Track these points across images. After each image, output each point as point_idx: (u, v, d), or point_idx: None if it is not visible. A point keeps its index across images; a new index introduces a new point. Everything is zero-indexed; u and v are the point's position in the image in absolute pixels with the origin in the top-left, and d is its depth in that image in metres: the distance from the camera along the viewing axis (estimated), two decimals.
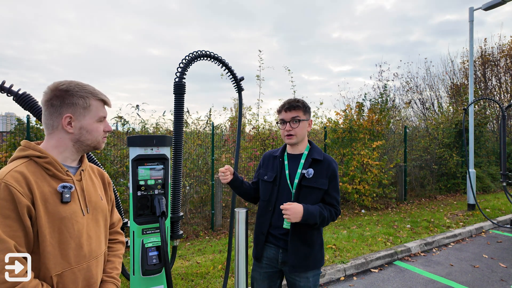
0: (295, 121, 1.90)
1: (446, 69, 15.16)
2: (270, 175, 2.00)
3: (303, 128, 1.93)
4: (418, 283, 3.86)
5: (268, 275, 2.00)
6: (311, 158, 1.92)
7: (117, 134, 5.92)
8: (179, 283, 3.62)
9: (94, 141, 1.28)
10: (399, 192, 8.41)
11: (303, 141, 1.99)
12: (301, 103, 1.94)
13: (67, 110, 1.21)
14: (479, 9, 7.40)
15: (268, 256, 1.98)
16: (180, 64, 2.20)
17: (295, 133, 1.91)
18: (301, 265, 1.88)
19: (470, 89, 7.72)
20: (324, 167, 1.91)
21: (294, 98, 1.97)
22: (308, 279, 1.91)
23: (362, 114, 7.91)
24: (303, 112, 1.93)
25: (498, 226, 6.23)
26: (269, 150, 2.26)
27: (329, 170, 1.90)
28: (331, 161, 1.94)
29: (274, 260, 1.96)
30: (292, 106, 1.92)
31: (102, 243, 1.33)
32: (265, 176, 2.03)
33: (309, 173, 1.88)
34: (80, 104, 1.22)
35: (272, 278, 2.01)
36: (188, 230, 5.79)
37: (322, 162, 1.92)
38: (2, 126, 6.13)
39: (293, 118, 1.90)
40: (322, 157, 1.93)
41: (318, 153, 1.95)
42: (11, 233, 1.04)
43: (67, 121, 1.21)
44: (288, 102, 1.95)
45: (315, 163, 1.92)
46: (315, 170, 1.89)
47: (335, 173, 1.92)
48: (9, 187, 1.04)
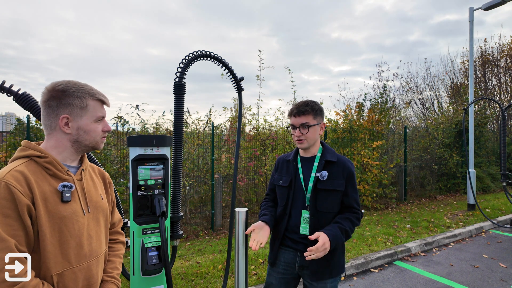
0: (304, 126, 1.85)
1: (446, 69, 15.18)
2: (285, 179, 1.96)
3: (314, 133, 1.87)
4: (418, 283, 3.86)
5: (285, 280, 1.93)
6: (324, 160, 1.87)
7: (117, 134, 5.92)
8: (179, 283, 3.62)
9: (92, 141, 1.27)
10: (399, 192, 8.41)
11: (315, 144, 1.93)
12: (310, 107, 1.86)
13: (64, 110, 1.20)
14: (479, 9, 7.40)
15: (285, 261, 1.92)
16: (180, 64, 2.20)
17: (305, 138, 1.86)
18: (322, 271, 1.82)
19: (470, 89, 7.72)
20: (339, 168, 1.85)
21: (303, 102, 1.90)
22: (325, 285, 1.85)
23: (362, 114, 7.91)
24: (313, 117, 1.86)
25: (498, 226, 6.23)
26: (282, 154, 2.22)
27: (345, 170, 1.85)
28: (345, 161, 1.89)
29: (291, 264, 1.90)
30: (301, 111, 1.85)
31: (102, 242, 1.33)
32: (280, 181, 1.99)
33: (323, 176, 1.83)
34: (77, 104, 1.21)
35: (289, 284, 1.95)
36: (188, 230, 5.79)
37: (336, 163, 1.87)
38: (2, 126, 6.13)
39: (302, 124, 1.85)
40: (336, 158, 1.88)
41: (331, 155, 1.90)
42: (12, 232, 1.04)
43: (64, 122, 1.20)
44: (297, 107, 1.88)
45: (329, 165, 1.87)
46: (330, 172, 1.84)
47: (352, 173, 1.86)
48: (9, 186, 1.05)
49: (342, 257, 1.91)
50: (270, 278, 1.98)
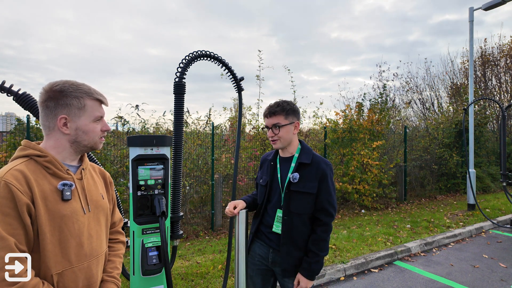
0: (276, 127, 1.86)
1: (446, 69, 15.17)
2: (265, 178, 2.01)
3: (287, 133, 1.87)
4: (418, 283, 3.86)
5: (261, 272, 2.01)
6: (298, 162, 1.88)
7: (117, 134, 5.92)
8: (179, 283, 3.62)
9: (91, 141, 1.27)
10: (399, 192, 8.41)
11: (292, 144, 1.93)
12: (280, 107, 1.87)
13: (62, 111, 1.20)
14: (479, 9, 7.40)
15: (260, 253, 2.00)
16: (180, 64, 2.20)
17: (278, 138, 1.88)
18: (292, 270, 1.85)
19: (470, 89, 7.72)
20: (312, 170, 1.84)
21: (275, 103, 1.91)
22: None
23: (362, 114, 7.91)
24: (284, 117, 1.86)
25: (498, 226, 6.23)
26: (266, 152, 2.25)
27: (318, 172, 1.83)
28: (320, 162, 1.86)
29: (265, 258, 1.97)
30: (272, 112, 1.87)
31: (103, 242, 1.33)
32: (260, 179, 2.05)
33: (294, 178, 1.84)
34: (75, 104, 1.21)
35: (265, 275, 2.01)
36: (188, 230, 5.79)
37: (309, 165, 1.85)
38: (2, 126, 6.12)
39: (274, 125, 1.86)
40: (310, 160, 1.86)
41: (307, 156, 1.88)
42: (12, 231, 1.04)
43: (62, 122, 1.20)
44: (268, 108, 1.90)
45: (303, 167, 1.86)
46: (302, 174, 1.84)
47: (325, 174, 1.83)
48: (9, 185, 1.05)
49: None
50: (250, 270, 2.05)
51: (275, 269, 1.94)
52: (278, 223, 1.90)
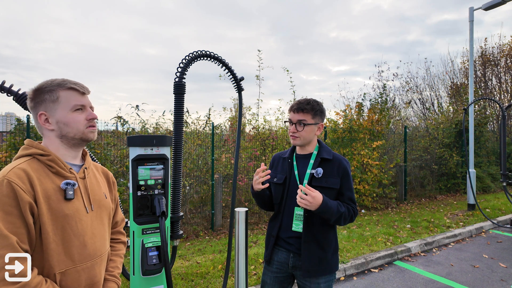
0: (300, 124, 1.83)
1: (446, 69, 15.18)
2: (280, 177, 1.95)
3: (309, 132, 1.85)
4: (418, 283, 3.86)
5: (279, 280, 1.95)
6: (320, 158, 1.86)
7: (117, 134, 5.92)
8: (179, 283, 3.62)
9: (77, 132, 1.23)
10: (399, 192, 8.41)
11: (311, 143, 1.92)
12: (310, 106, 1.83)
13: (39, 108, 1.21)
14: (479, 9, 7.39)
15: (279, 260, 1.94)
16: (180, 64, 2.20)
17: (299, 136, 1.85)
18: (315, 269, 1.82)
19: (470, 89, 7.72)
20: (334, 166, 1.84)
21: (306, 99, 1.87)
22: (319, 284, 1.84)
23: (362, 114, 7.91)
24: (311, 116, 1.84)
25: (498, 226, 6.23)
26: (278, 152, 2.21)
27: (340, 168, 1.84)
28: (341, 159, 1.87)
29: (285, 264, 1.91)
30: (301, 108, 1.83)
31: (106, 241, 1.33)
32: (274, 178, 1.98)
33: (318, 173, 1.82)
34: (48, 98, 1.21)
35: (283, 283, 1.96)
36: (188, 230, 5.79)
37: (331, 161, 1.85)
38: (2, 126, 6.13)
39: (299, 121, 1.83)
40: (332, 156, 1.86)
41: (327, 152, 1.88)
42: (14, 229, 1.04)
43: (43, 119, 1.21)
44: (298, 103, 1.86)
45: (325, 162, 1.85)
46: (325, 169, 1.83)
47: (346, 171, 1.85)
48: (12, 184, 1.05)
49: (334, 255, 1.92)
50: (265, 277, 2.00)
51: (296, 273, 1.89)
52: (297, 221, 1.85)
